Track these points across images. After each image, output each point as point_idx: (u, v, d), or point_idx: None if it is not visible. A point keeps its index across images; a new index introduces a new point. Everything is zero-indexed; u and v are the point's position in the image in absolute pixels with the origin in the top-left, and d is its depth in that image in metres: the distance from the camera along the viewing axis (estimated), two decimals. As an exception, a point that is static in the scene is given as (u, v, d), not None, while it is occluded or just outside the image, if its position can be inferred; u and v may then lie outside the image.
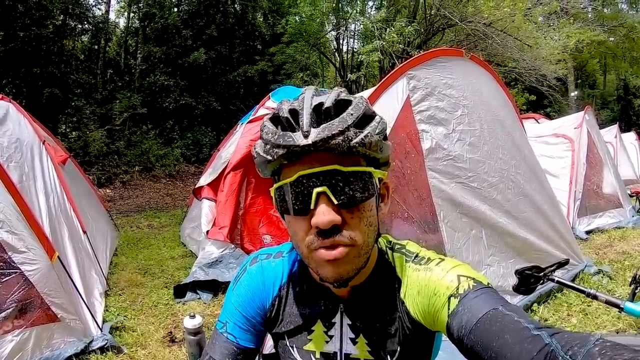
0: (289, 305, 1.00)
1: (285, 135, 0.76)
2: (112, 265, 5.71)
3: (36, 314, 3.07)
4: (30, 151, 4.20)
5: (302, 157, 0.77)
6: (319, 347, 0.97)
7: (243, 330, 1.00)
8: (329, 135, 0.73)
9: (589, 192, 7.09)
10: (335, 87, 0.85)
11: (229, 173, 5.41)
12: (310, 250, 0.81)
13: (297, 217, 0.81)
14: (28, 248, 3.08)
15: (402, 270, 0.93)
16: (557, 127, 8.06)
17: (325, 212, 0.75)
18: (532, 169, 4.41)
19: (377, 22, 14.66)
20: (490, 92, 4.26)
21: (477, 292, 0.79)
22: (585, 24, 17.73)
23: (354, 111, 0.77)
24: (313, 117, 0.77)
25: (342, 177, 0.76)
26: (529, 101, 18.75)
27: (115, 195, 11.49)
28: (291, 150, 0.75)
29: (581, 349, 0.60)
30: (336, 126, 0.74)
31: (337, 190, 0.76)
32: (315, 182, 0.76)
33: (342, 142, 0.74)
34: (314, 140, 0.73)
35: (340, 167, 0.76)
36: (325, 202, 0.76)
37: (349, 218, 0.79)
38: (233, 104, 16.74)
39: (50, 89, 12.32)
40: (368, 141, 0.77)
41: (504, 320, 0.71)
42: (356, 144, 0.75)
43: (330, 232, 0.77)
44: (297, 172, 0.77)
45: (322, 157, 0.76)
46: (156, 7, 16.30)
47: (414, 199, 3.40)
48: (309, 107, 0.77)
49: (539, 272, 2.17)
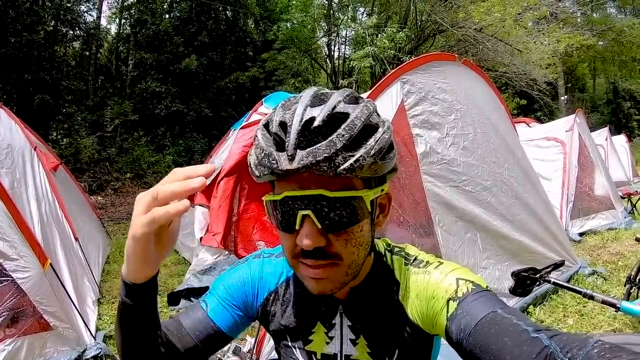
0: (289, 305, 1.00)
1: (270, 156, 0.72)
2: (105, 273, 5.66)
3: (28, 322, 3.04)
4: (21, 157, 4.16)
5: (291, 176, 0.74)
6: (320, 348, 0.97)
7: (220, 304, 0.99)
8: (313, 162, 0.69)
9: (581, 195, 7.14)
10: (343, 88, 0.82)
11: (222, 179, 5.37)
12: (296, 262, 0.81)
13: (284, 232, 0.80)
14: (20, 255, 3.05)
15: (401, 272, 0.93)
16: (549, 131, 8.12)
17: (308, 234, 0.74)
18: (525, 172, 4.43)
19: (369, 28, 14.75)
20: (483, 96, 4.28)
21: (475, 295, 0.78)
22: (575, 28, 17.92)
23: (346, 131, 0.71)
24: (301, 135, 0.71)
25: (327, 202, 0.72)
26: (520, 105, 18.94)
27: (106, 202, 11.42)
28: (274, 172, 0.73)
29: (580, 351, 0.59)
30: (322, 152, 0.69)
31: (322, 215, 0.73)
32: (299, 204, 0.73)
33: (327, 170, 0.70)
34: (296, 166, 0.69)
35: (326, 193, 0.72)
36: (310, 224, 0.74)
37: (335, 240, 0.77)
38: (225, 111, 16.73)
39: (42, 95, 12.27)
40: (358, 166, 0.71)
41: (503, 323, 0.70)
42: (343, 170, 0.70)
43: (313, 253, 0.76)
44: (284, 190, 0.75)
45: (308, 179, 0.73)
46: (148, 14, 16.28)
47: (409, 203, 3.40)
48: (297, 124, 0.72)
49: (535, 273, 2.18)
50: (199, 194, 5.74)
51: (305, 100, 0.76)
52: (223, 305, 0.99)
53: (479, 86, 4.31)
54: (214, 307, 0.99)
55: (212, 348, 0.99)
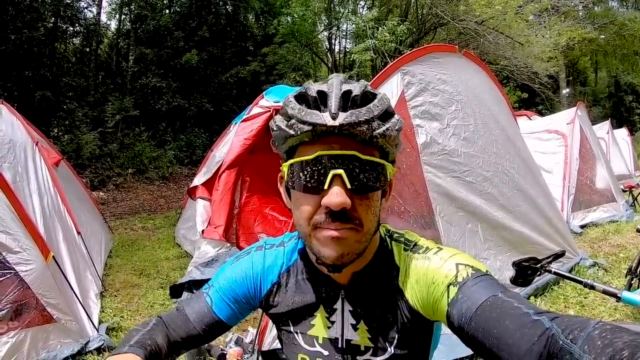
0: (290, 292, 1.01)
1: (313, 113, 0.78)
2: (107, 267, 5.69)
3: (32, 315, 3.06)
4: (23, 152, 4.18)
5: (323, 138, 0.79)
6: (321, 333, 0.98)
7: (225, 303, 1.01)
8: (356, 121, 0.75)
9: (582, 187, 7.14)
10: (361, 80, 0.87)
11: (224, 172, 5.39)
12: (315, 228, 0.82)
13: (307, 195, 0.82)
14: (23, 248, 3.07)
15: (400, 258, 0.94)
16: (550, 123, 8.12)
17: (338, 193, 0.76)
18: (526, 164, 4.44)
19: (369, 21, 14.67)
20: (483, 88, 4.28)
21: (476, 279, 0.79)
22: (576, 21, 17.82)
23: (380, 104, 0.80)
24: (341, 101, 0.78)
25: (359, 164, 0.78)
26: (521, 99, 18.88)
27: (108, 197, 11.42)
28: (317, 128, 0.77)
29: (581, 332, 0.60)
30: (363, 114, 0.76)
31: (353, 176, 0.78)
32: (333, 163, 0.77)
33: (366, 130, 0.77)
34: (341, 122, 0.75)
35: (359, 154, 0.77)
36: (339, 184, 0.77)
37: (358, 205, 0.80)
38: (226, 105, 16.67)
39: (42, 91, 12.22)
40: (389, 134, 0.80)
41: (504, 307, 0.71)
42: (378, 134, 0.78)
43: (338, 215, 0.78)
44: (317, 151, 0.78)
45: (342, 141, 0.78)
46: (148, 9, 16.23)
47: (410, 193, 3.40)
48: (338, 92, 0.78)
49: (535, 263, 2.17)
50: (201, 187, 5.76)
51: (338, 78, 0.83)
52: (225, 299, 1.01)
53: (480, 78, 4.31)
54: (217, 300, 1.01)
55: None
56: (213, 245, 4.99)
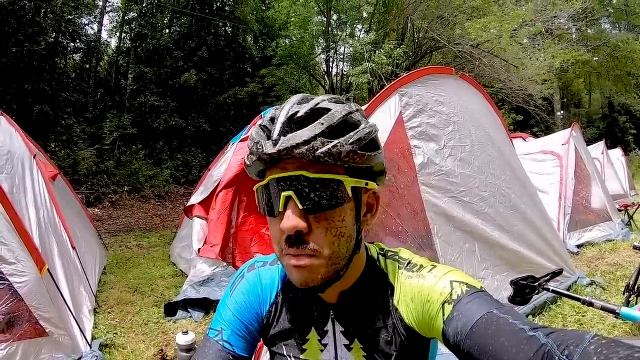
0: (283, 312, 0.99)
1: (258, 143, 0.80)
2: (101, 284, 5.63)
3: (24, 327, 3.02)
4: (21, 164, 4.16)
5: (277, 163, 0.80)
6: (315, 356, 0.96)
7: (240, 337, 0.97)
8: (293, 144, 0.75)
9: (578, 207, 7.16)
10: (324, 93, 0.88)
11: (221, 191, 5.40)
12: (281, 255, 0.83)
13: (271, 219, 0.83)
14: (17, 259, 3.05)
15: (395, 276, 0.93)
16: (545, 144, 8.18)
17: (289, 216, 0.77)
18: (523, 184, 4.47)
19: (367, 44, 14.86)
20: (479, 109, 4.34)
21: (470, 296, 0.79)
22: (570, 44, 18.05)
23: (326, 120, 0.77)
24: (286, 125, 0.78)
25: (307, 183, 0.77)
26: (516, 121, 19.03)
27: (103, 214, 11.37)
28: (261, 157, 0.79)
29: (577, 347, 0.60)
30: (300, 136, 0.76)
31: (303, 195, 0.77)
32: (283, 186, 0.78)
33: (306, 152, 0.75)
34: (278, 149, 0.76)
35: (307, 173, 0.76)
36: (293, 207, 0.77)
37: (315, 227, 0.79)
38: (223, 126, 16.71)
39: (41, 106, 12.25)
40: (336, 151, 0.76)
41: (499, 323, 0.71)
42: (321, 153, 0.75)
43: (296, 240, 0.79)
44: (270, 175, 0.80)
45: (295, 162, 0.78)
46: (148, 28, 16.38)
47: (408, 213, 3.42)
48: (284, 116, 0.79)
49: (533, 282, 2.17)
50: (198, 205, 5.76)
51: (294, 100, 0.84)
52: (236, 333, 0.98)
53: (476, 99, 4.37)
54: (228, 336, 0.97)
55: None
56: (209, 264, 4.97)
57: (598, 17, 25.83)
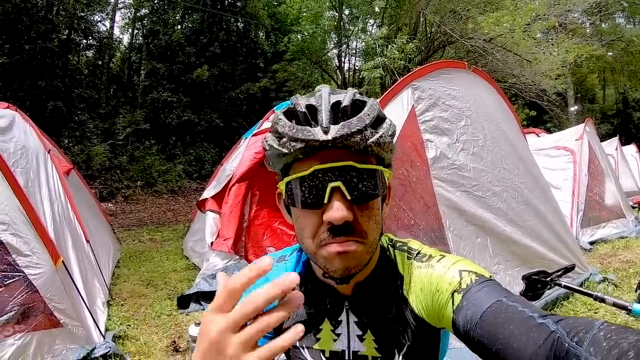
0: None
1: (304, 129, 0.77)
2: (115, 277, 5.71)
3: (38, 318, 3.04)
4: (35, 159, 4.20)
5: (317, 153, 0.78)
6: (327, 346, 0.97)
7: None
8: (349, 132, 0.75)
9: (591, 203, 7.09)
10: (349, 88, 0.86)
11: (234, 185, 5.42)
12: (320, 244, 0.81)
13: (307, 211, 0.81)
14: (33, 252, 3.08)
15: (404, 267, 0.94)
16: (558, 140, 8.10)
17: (339, 207, 0.76)
18: (535, 179, 4.44)
19: (379, 39, 14.77)
20: (492, 104, 4.31)
21: (479, 285, 0.79)
22: (584, 39, 17.79)
23: (370, 112, 0.80)
24: (331, 114, 0.78)
25: (356, 174, 0.77)
26: (529, 116, 18.85)
27: (117, 209, 11.48)
28: (309, 144, 0.76)
29: (587, 334, 0.60)
30: (355, 124, 0.76)
31: (351, 186, 0.77)
32: (330, 176, 0.77)
33: (359, 141, 0.76)
34: (333, 136, 0.75)
35: (355, 164, 0.77)
36: (339, 198, 0.76)
37: (360, 215, 0.80)
38: (235, 121, 16.80)
39: (54, 102, 12.39)
40: (382, 141, 0.79)
41: (509, 311, 0.71)
42: (372, 143, 0.78)
43: (341, 229, 0.78)
44: (312, 166, 0.77)
45: (336, 153, 0.77)
46: (160, 24, 16.48)
47: (420, 206, 3.42)
48: (327, 104, 0.79)
49: (545, 277, 2.16)
50: (211, 199, 5.80)
51: (326, 90, 0.84)
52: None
53: (489, 94, 4.34)
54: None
55: None
56: (222, 257, 5.00)
57: (612, 11, 25.29)
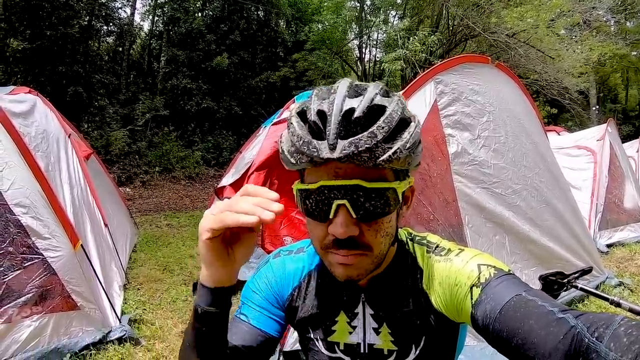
0: (310, 297, 1.01)
1: (310, 144, 0.73)
2: (132, 261, 5.79)
3: (56, 301, 3.12)
4: (56, 143, 4.25)
5: (327, 164, 0.74)
6: (342, 338, 0.97)
7: (266, 317, 1.00)
8: (355, 152, 0.70)
9: (610, 205, 6.98)
10: (374, 82, 0.82)
11: (253, 173, 5.41)
12: (325, 251, 0.82)
13: (314, 221, 0.81)
14: (52, 235, 3.14)
15: (423, 260, 0.94)
16: (579, 139, 7.96)
17: (342, 224, 0.75)
18: (556, 178, 4.39)
19: (400, 31, 14.66)
20: (515, 100, 4.26)
21: (499, 279, 0.79)
22: (608, 37, 17.47)
23: (386, 123, 0.73)
24: (342, 125, 0.73)
25: (363, 193, 0.74)
26: (550, 114, 18.59)
27: (135, 194, 11.61)
28: (314, 160, 0.74)
29: (607, 329, 0.59)
30: (364, 142, 0.71)
31: (358, 205, 0.75)
32: (336, 194, 0.74)
33: (367, 160, 0.72)
34: (338, 155, 0.71)
35: (363, 183, 0.73)
36: (344, 213, 0.75)
37: (367, 229, 0.79)
38: (254, 109, 16.84)
39: (75, 87, 12.49)
40: (396, 157, 0.73)
41: (528, 305, 0.70)
42: (382, 161, 0.72)
43: (345, 243, 0.78)
44: (320, 179, 0.76)
45: (346, 167, 0.74)
46: (181, 12, 16.48)
47: (440, 202, 3.40)
48: (338, 114, 0.73)
49: (562, 278, 2.14)
50: (228, 187, 5.82)
51: (343, 91, 0.77)
52: (261, 312, 1.00)
53: (511, 90, 4.28)
54: (255, 315, 0.99)
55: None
56: (238, 245, 5.02)
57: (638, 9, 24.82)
